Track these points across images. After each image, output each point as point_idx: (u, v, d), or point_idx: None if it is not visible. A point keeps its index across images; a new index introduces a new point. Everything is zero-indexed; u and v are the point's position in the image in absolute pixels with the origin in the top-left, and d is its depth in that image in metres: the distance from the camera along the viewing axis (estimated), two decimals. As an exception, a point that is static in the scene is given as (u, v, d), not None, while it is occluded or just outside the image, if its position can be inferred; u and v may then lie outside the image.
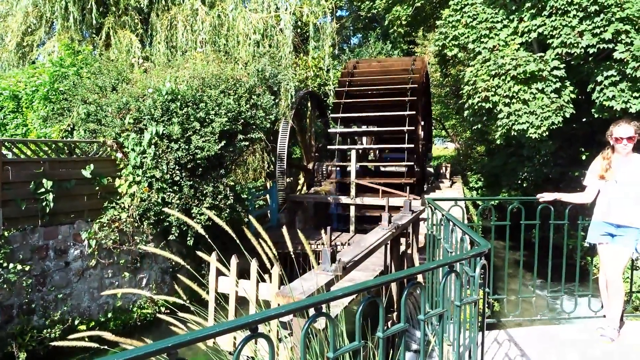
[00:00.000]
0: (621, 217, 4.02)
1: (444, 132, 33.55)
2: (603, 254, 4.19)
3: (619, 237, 4.05)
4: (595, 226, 4.22)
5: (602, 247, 4.18)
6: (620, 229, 4.04)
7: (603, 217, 4.14)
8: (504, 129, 10.95)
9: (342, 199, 12.77)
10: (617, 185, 4.08)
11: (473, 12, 11.93)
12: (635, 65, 9.71)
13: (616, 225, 4.05)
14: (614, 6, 9.99)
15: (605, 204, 4.15)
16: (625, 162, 4.09)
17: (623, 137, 4.03)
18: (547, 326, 4.82)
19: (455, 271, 2.69)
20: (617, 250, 4.05)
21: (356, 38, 40.05)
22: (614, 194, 4.09)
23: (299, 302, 1.90)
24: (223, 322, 1.75)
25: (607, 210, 4.11)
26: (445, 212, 4.03)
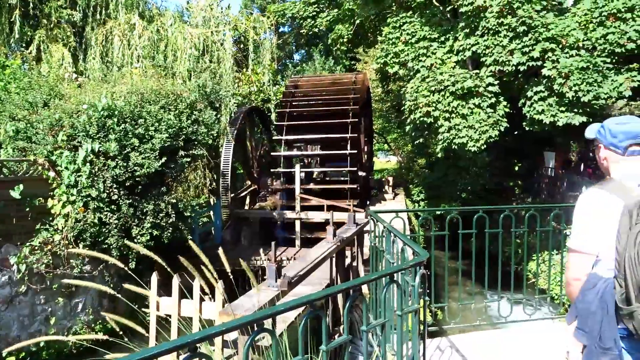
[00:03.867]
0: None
1: (387, 146, 34.36)
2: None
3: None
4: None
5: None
6: None
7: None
8: (444, 143, 11.38)
9: (287, 214, 12.75)
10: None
11: (411, 30, 12.40)
12: (562, 81, 10.42)
13: None
14: (541, 27, 10.71)
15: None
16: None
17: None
18: (486, 331, 5.00)
19: (396, 281, 2.74)
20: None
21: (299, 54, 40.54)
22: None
23: (239, 319, 1.87)
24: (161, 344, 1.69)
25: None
26: (386, 224, 4.11)
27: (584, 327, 2.09)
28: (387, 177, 21.22)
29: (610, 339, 1.99)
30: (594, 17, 11.05)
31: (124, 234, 8.18)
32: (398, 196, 16.58)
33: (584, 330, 2.08)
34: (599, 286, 2.05)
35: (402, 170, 26.29)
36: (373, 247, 4.78)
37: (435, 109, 11.17)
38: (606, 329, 2.00)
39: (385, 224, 4.14)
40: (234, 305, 4.44)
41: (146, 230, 8.18)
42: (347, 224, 8.53)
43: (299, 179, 12.82)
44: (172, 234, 8.51)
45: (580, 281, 2.14)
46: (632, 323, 1.89)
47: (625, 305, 1.90)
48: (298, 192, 12.65)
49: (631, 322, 1.90)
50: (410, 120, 12.06)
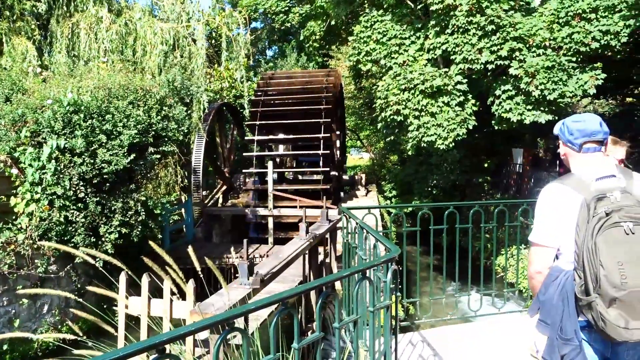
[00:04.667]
0: None
1: (359, 143, 34.54)
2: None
3: None
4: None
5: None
6: None
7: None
8: (414, 141, 11.49)
9: (259, 211, 12.68)
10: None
11: (383, 29, 12.45)
12: (528, 80, 10.63)
13: None
14: (508, 26, 10.90)
15: None
16: None
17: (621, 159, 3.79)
18: (457, 325, 5.08)
19: (368, 277, 2.75)
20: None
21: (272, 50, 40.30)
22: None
23: (209, 319, 1.84)
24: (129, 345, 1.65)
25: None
26: (359, 221, 4.12)
27: (546, 319, 2.14)
28: (359, 173, 21.33)
29: (571, 330, 2.04)
30: (560, 17, 11.31)
31: (91, 233, 7.99)
32: (370, 193, 16.69)
33: (546, 322, 2.14)
34: (560, 278, 2.11)
35: (374, 167, 26.48)
36: (346, 243, 4.79)
37: (405, 107, 11.27)
38: (567, 321, 2.05)
39: (357, 220, 4.15)
40: (205, 304, 4.39)
41: (114, 228, 8.01)
42: (319, 221, 8.55)
43: (271, 176, 12.76)
44: (141, 232, 8.36)
45: (542, 274, 2.19)
46: (591, 313, 1.95)
47: (584, 296, 1.95)
48: (271, 189, 12.59)
49: (590, 313, 1.95)
50: (381, 118, 12.14)
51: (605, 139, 2.24)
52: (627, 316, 1.89)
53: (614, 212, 1.95)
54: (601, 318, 1.91)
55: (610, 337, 1.94)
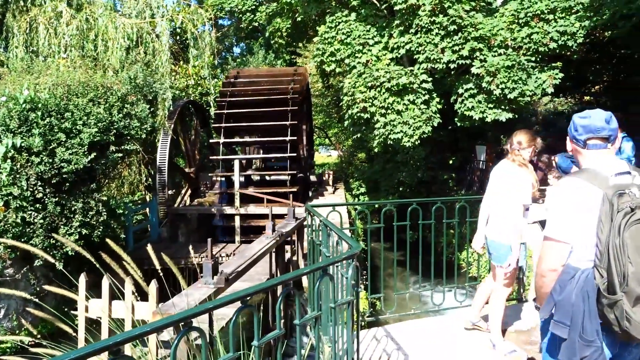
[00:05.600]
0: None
1: (327, 140, 34.63)
2: (515, 275, 4.11)
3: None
4: (516, 248, 3.90)
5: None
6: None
7: (523, 238, 3.99)
8: (381, 138, 11.63)
9: (226, 210, 12.56)
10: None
11: (347, 29, 12.55)
12: (489, 79, 10.91)
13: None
14: (470, 26, 11.15)
15: (523, 225, 3.96)
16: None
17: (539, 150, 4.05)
18: (421, 319, 5.16)
19: (329, 274, 2.77)
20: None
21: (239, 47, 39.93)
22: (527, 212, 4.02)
23: (165, 318, 1.83)
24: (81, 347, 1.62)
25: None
26: (322, 218, 4.15)
27: (564, 320, 2.02)
28: (327, 171, 21.40)
29: (593, 331, 1.96)
30: (520, 18, 11.64)
31: (50, 234, 7.76)
32: (338, 190, 16.77)
33: (565, 323, 2.02)
34: (577, 277, 2.01)
35: (342, 164, 26.61)
36: (311, 240, 4.81)
37: (372, 104, 11.40)
38: (588, 321, 1.97)
39: (321, 217, 4.18)
40: (167, 304, 4.33)
41: (75, 229, 7.80)
42: (286, 219, 8.54)
43: (237, 175, 12.65)
44: (103, 232, 8.16)
45: (557, 272, 2.09)
46: (615, 313, 1.88)
47: (610, 295, 1.88)
48: (237, 187, 12.48)
49: (613, 312, 1.89)
50: (348, 115, 12.23)
51: (611, 136, 2.17)
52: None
53: (637, 208, 1.90)
54: (626, 317, 1.85)
55: (631, 337, 1.90)
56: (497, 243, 3.94)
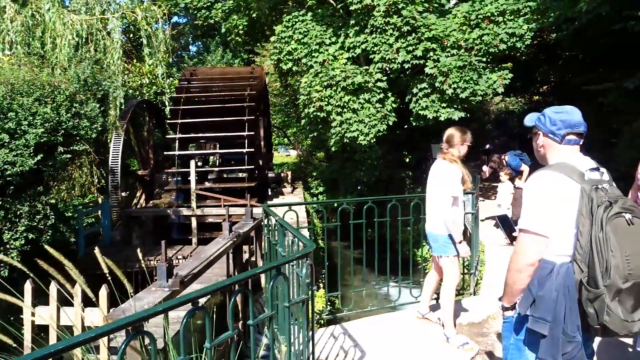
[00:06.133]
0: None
1: (286, 140, 34.55)
2: (457, 263, 4.19)
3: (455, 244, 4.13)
4: (449, 239, 4.08)
5: (457, 257, 4.16)
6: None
7: (459, 229, 4.10)
8: (337, 137, 11.71)
9: (182, 211, 12.33)
10: (463, 196, 4.18)
11: (304, 29, 12.56)
12: (442, 79, 11.17)
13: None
14: (423, 27, 11.38)
15: (459, 216, 4.10)
16: (464, 170, 4.14)
17: (471, 145, 4.12)
18: (378, 315, 5.21)
19: (282, 273, 2.77)
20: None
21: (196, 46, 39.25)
22: (463, 205, 4.21)
23: (111, 323, 1.78)
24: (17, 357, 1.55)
25: (460, 223, 4.13)
26: (278, 218, 4.14)
27: (545, 317, 1.96)
28: (286, 171, 21.34)
29: (574, 327, 1.95)
30: (471, 20, 11.98)
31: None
32: (297, 189, 16.77)
33: (545, 319, 1.96)
34: (556, 271, 1.97)
35: (301, 163, 26.59)
36: (267, 240, 4.79)
37: (328, 103, 11.47)
38: (570, 317, 1.94)
39: (276, 217, 4.17)
40: (120, 309, 4.22)
41: (20, 234, 7.46)
42: (244, 219, 8.48)
43: (194, 175, 12.43)
44: (52, 236, 7.85)
45: (534, 267, 2.03)
46: (594, 307, 1.88)
47: (593, 288, 1.87)
48: (194, 189, 12.27)
49: (593, 307, 1.88)
50: (304, 114, 12.25)
51: (584, 132, 2.15)
52: (629, 308, 1.86)
53: (614, 202, 1.91)
54: (606, 311, 1.85)
55: (607, 332, 1.91)
56: (434, 234, 4.16)
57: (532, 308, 2.00)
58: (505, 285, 2.14)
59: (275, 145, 36.91)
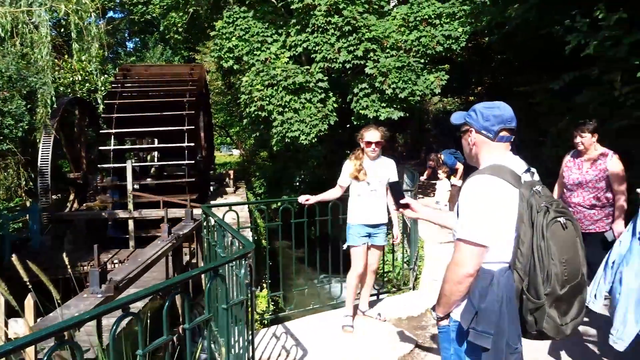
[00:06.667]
0: (377, 217, 4.33)
1: (229, 139, 34.06)
2: (360, 254, 4.38)
3: (375, 236, 4.39)
4: (355, 229, 4.36)
5: (363, 248, 4.37)
6: (376, 228, 4.37)
7: (361, 220, 4.33)
8: (279, 136, 11.67)
9: (118, 213, 11.82)
10: (369, 187, 4.31)
11: (245, 26, 12.42)
12: (382, 79, 11.39)
13: (373, 225, 4.35)
14: (363, 28, 11.55)
15: (361, 207, 4.34)
16: (374, 165, 4.36)
17: (372, 141, 4.27)
18: (321, 313, 5.23)
19: (220, 275, 2.71)
20: (377, 247, 4.45)
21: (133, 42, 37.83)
22: (367, 196, 4.33)
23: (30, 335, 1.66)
24: None
25: (363, 213, 4.33)
26: (217, 218, 4.06)
27: (488, 330, 1.85)
28: (228, 170, 21.03)
29: (516, 337, 1.90)
30: (410, 22, 12.29)
31: None
32: (239, 189, 16.57)
33: (488, 332, 1.85)
34: (496, 281, 1.88)
35: (245, 163, 26.31)
36: (206, 241, 4.69)
37: (269, 103, 11.40)
38: (513, 327, 1.88)
39: (215, 217, 4.09)
40: (48, 318, 3.99)
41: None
42: (184, 221, 8.28)
43: (130, 175, 11.94)
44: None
45: (473, 277, 1.91)
46: (534, 315, 1.85)
47: (534, 299, 1.84)
48: (130, 189, 11.79)
49: (533, 316, 1.86)
50: (246, 114, 12.12)
51: (515, 128, 2.06)
52: (563, 312, 1.86)
53: (550, 206, 1.86)
54: (546, 319, 1.84)
55: (544, 337, 1.90)
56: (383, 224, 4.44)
57: (474, 321, 1.89)
58: (441, 297, 2.03)
59: (217, 144, 36.27)
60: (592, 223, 4.27)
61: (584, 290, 1.92)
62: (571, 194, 4.41)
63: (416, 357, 4.04)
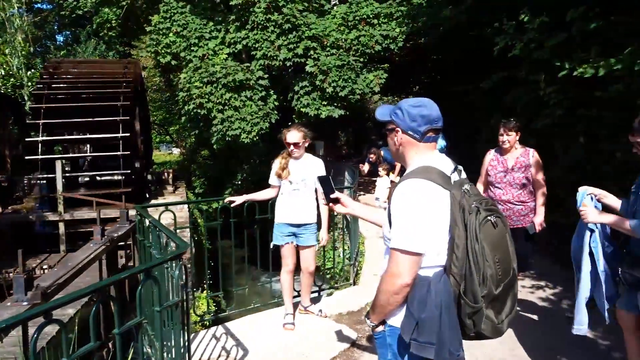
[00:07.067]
0: (299, 217, 4.32)
1: (168, 138, 33.14)
2: (286, 252, 4.42)
3: (301, 236, 4.37)
4: (279, 228, 4.41)
5: (288, 247, 4.41)
6: (301, 228, 4.36)
7: (283, 218, 4.36)
8: (219, 135, 11.48)
9: (48, 216, 11.15)
10: (291, 186, 4.32)
11: (183, 21, 12.12)
12: (322, 78, 11.46)
13: (296, 224, 4.35)
14: (303, 26, 11.58)
15: (283, 206, 4.37)
16: (297, 164, 4.35)
17: (290, 142, 4.27)
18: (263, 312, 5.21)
19: (153, 277, 2.63)
20: (305, 247, 4.41)
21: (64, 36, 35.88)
22: (289, 195, 4.34)
23: None
24: None
25: (287, 212, 4.34)
26: (151, 219, 3.94)
27: (430, 340, 1.80)
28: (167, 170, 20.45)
29: (457, 343, 1.84)
30: (349, 21, 12.45)
31: None
32: (179, 189, 16.12)
33: (431, 343, 1.80)
34: (434, 287, 1.82)
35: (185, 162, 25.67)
36: (141, 242, 4.54)
37: (209, 100, 11.18)
38: (453, 334, 1.82)
39: (150, 218, 3.96)
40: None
41: None
42: (119, 222, 7.97)
43: (60, 177, 11.27)
44: None
45: (410, 286, 1.85)
46: (473, 318, 1.82)
47: (472, 303, 1.80)
48: (60, 190, 11.12)
49: (471, 319, 1.83)
50: (184, 111, 11.83)
51: (442, 128, 2.01)
52: (498, 310, 1.86)
53: (480, 206, 1.83)
54: (484, 320, 1.82)
55: (482, 337, 1.88)
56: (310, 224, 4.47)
57: (415, 332, 1.82)
58: (376, 306, 1.96)
59: (156, 143, 35.25)
60: (519, 218, 4.50)
61: (515, 285, 1.93)
62: (500, 191, 4.56)
63: (356, 352, 4.11)
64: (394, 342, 1.98)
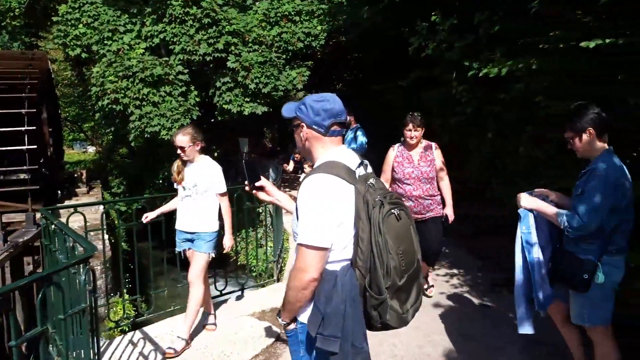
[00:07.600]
0: (190, 225, 4.08)
1: (83, 135, 31.29)
2: (189, 258, 4.20)
3: (195, 243, 4.11)
4: (177, 234, 4.19)
5: (189, 252, 4.18)
6: (194, 235, 4.09)
7: (178, 225, 4.17)
8: (137, 132, 11.01)
9: None
10: (184, 192, 4.08)
11: (94, 12, 11.47)
12: (244, 74, 11.33)
13: (190, 232, 4.10)
14: (224, 20, 11.37)
15: (179, 211, 4.15)
16: (190, 169, 4.08)
17: (177, 146, 3.98)
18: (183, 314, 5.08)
19: (55, 283, 2.48)
20: (196, 255, 4.10)
21: (-43, 24, 32.67)
22: (182, 201, 4.11)
23: None
24: None
25: (180, 219, 4.14)
26: (57, 222, 3.71)
27: (335, 334, 1.82)
28: (80, 169, 19.31)
29: (361, 336, 1.87)
30: (271, 17, 12.41)
31: None
32: (94, 189, 15.28)
33: (336, 336, 1.82)
34: (340, 282, 1.84)
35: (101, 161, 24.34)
36: (47, 247, 4.25)
37: (125, 96, 10.67)
38: (358, 327, 1.86)
39: (55, 220, 3.73)
40: None
41: None
42: (25, 226, 7.42)
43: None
44: None
45: (318, 281, 1.86)
46: (378, 310, 1.85)
47: (377, 295, 1.84)
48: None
49: (377, 311, 1.86)
50: (98, 107, 11.21)
51: (346, 121, 2.03)
52: (403, 300, 1.89)
53: (384, 200, 1.86)
54: (389, 311, 1.85)
55: (388, 328, 1.91)
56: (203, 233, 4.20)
57: (321, 326, 1.84)
58: (287, 304, 1.97)
59: (69, 141, 33.13)
60: (428, 211, 4.64)
61: (419, 276, 1.98)
62: (410, 187, 4.57)
63: (279, 348, 4.12)
64: (304, 339, 2.00)
